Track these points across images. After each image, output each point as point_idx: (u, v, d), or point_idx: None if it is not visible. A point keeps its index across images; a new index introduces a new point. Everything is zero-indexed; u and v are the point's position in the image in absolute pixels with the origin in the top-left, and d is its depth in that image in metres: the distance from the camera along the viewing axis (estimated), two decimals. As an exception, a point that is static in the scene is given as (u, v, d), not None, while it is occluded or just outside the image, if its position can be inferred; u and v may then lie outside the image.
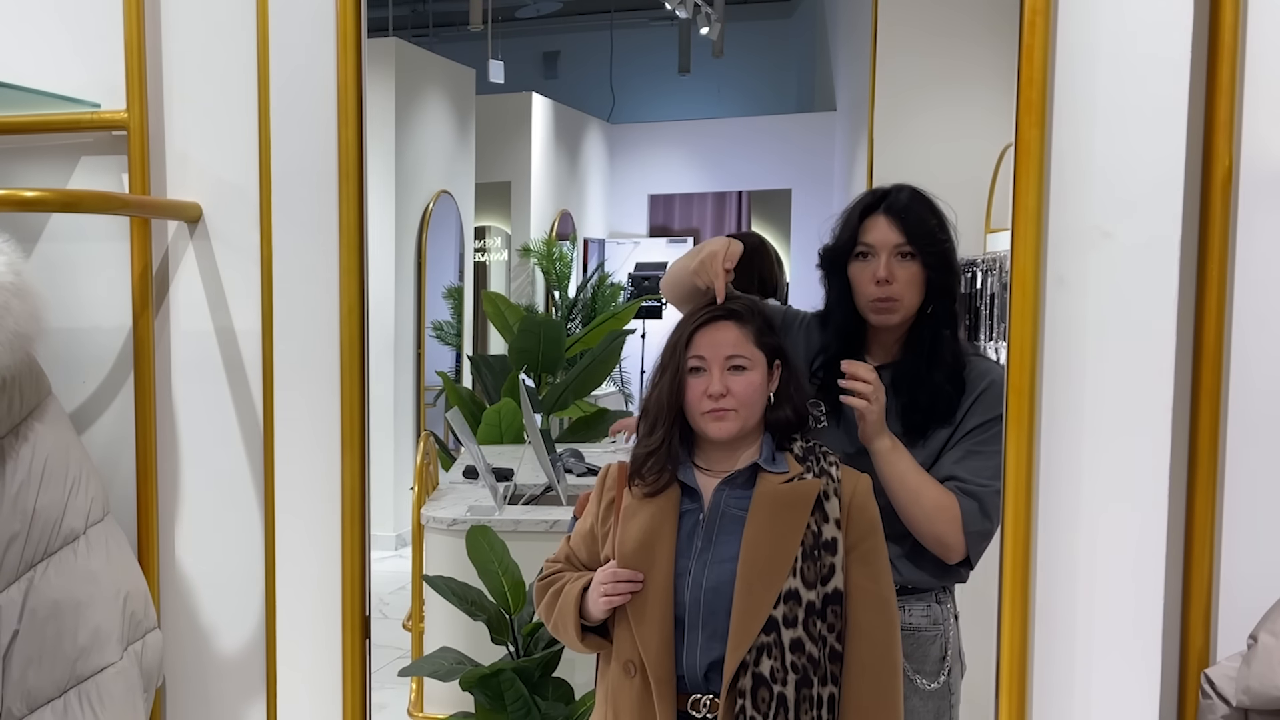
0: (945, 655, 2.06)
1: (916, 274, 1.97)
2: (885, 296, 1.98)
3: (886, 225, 1.98)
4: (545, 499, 3.71)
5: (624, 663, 1.78)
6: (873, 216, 2.00)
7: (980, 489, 1.93)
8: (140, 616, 1.91)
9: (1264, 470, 1.59)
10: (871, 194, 2.04)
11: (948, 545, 1.95)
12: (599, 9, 10.01)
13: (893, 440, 1.94)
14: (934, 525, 1.94)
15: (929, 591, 2.04)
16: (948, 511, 1.93)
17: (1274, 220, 1.57)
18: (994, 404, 1.96)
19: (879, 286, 1.97)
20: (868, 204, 2.02)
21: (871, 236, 1.99)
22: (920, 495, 1.93)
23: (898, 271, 1.97)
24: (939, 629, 2.05)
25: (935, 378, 1.98)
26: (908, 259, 1.97)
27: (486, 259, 8.60)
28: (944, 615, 2.07)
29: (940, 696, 2.06)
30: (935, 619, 2.05)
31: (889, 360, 2.04)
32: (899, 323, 2.01)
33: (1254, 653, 1.45)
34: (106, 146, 2.00)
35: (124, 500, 2.00)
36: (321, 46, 1.86)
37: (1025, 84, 1.57)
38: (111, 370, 2.03)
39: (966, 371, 2.00)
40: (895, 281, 1.97)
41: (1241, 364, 1.58)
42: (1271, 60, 1.56)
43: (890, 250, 1.97)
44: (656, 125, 10.03)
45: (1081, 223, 1.59)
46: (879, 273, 1.97)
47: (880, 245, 1.98)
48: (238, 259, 1.96)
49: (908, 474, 1.94)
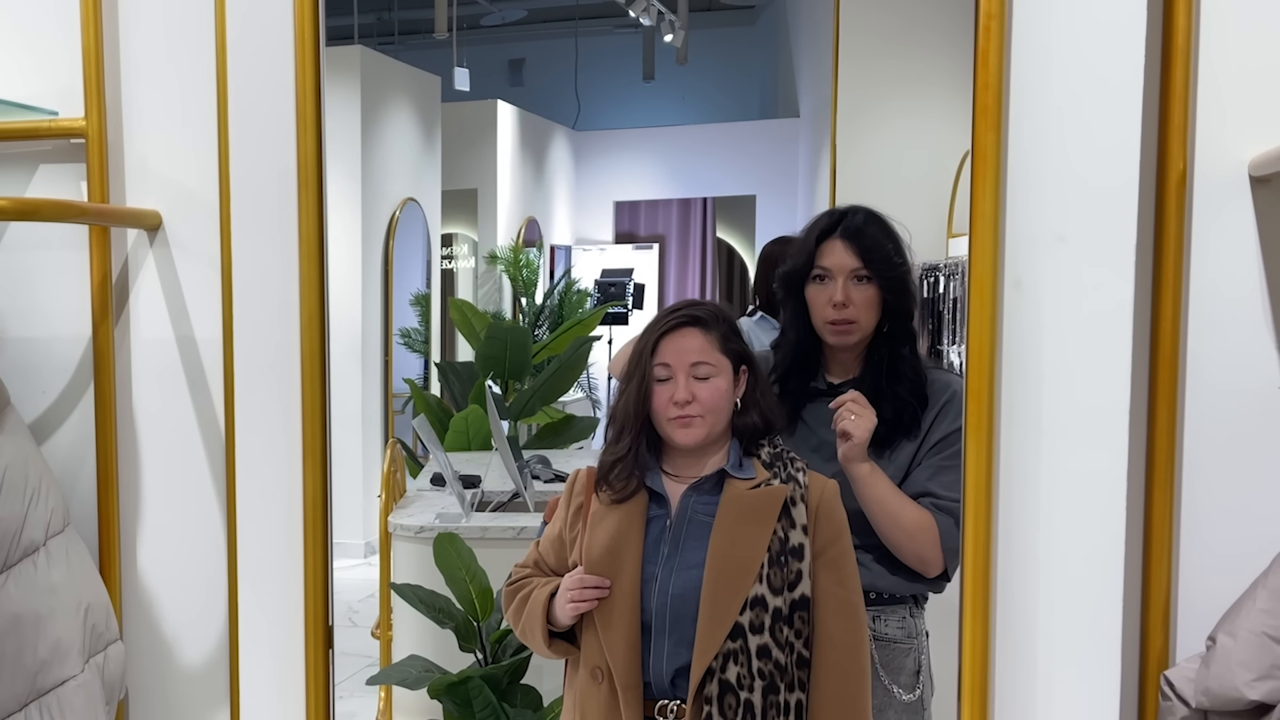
0: (920, 669, 2.08)
1: (873, 296, 2.01)
2: (843, 319, 2.01)
3: (843, 249, 2.01)
4: (513, 506, 3.70)
5: (591, 669, 1.78)
6: (829, 240, 2.03)
7: (954, 504, 1.94)
8: (102, 628, 1.90)
9: (1221, 472, 1.61)
10: (828, 216, 2.07)
11: (927, 562, 1.98)
12: (564, 17, 10.02)
13: (871, 465, 1.96)
14: (915, 545, 1.96)
15: (902, 604, 2.05)
16: (927, 532, 1.95)
17: (1228, 223, 1.59)
18: (958, 415, 1.97)
19: (836, 310, 2.00)
20: (824, 227, 2.05)
21: (828, 260, 2.02)
22: (900, 517, 1.96)
23: (854, 295, 2.00)
24: (913, 641, 2.07)
25: (897, 393, 2.01)
26: (864, 282, 2.00)
27: (454, 266, 8.58)
28: (917, 629, 2.09)
29: (915, 711, 2.07)
30: (910, 632, 2.06)
31: (849, 378, 2.07)
32: (856, 343, 2.03)
33: (1212, 654, 1.47)
34: (65, 154, 1.98)
35: (85, 511, 1.99)
36: (280, 54, 1.85)
37: (981, 89, 1.59)
38: (71, 380, 2.01)
39: (928, 385, 2.03)
40: (852, 305, 2.00)
41: (1197, 366, 1.60)
42: (1224, 65, 1.59)
43: (847, 274, 2.00)
44: (622, 132, 10.06)
45: (1038, 227, 1.60)
46: (836, 297, 2.00)
47: (837, 269, 2.01)
48: (198, 267, 1.95)
49: (887, 497, 1.96)
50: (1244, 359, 1.60)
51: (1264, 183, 1.58)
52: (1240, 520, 1.60)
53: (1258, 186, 1.58)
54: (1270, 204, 1.58)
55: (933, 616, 2.13)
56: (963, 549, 1.64)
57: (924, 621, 2.11)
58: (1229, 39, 1.58)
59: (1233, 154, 1.58)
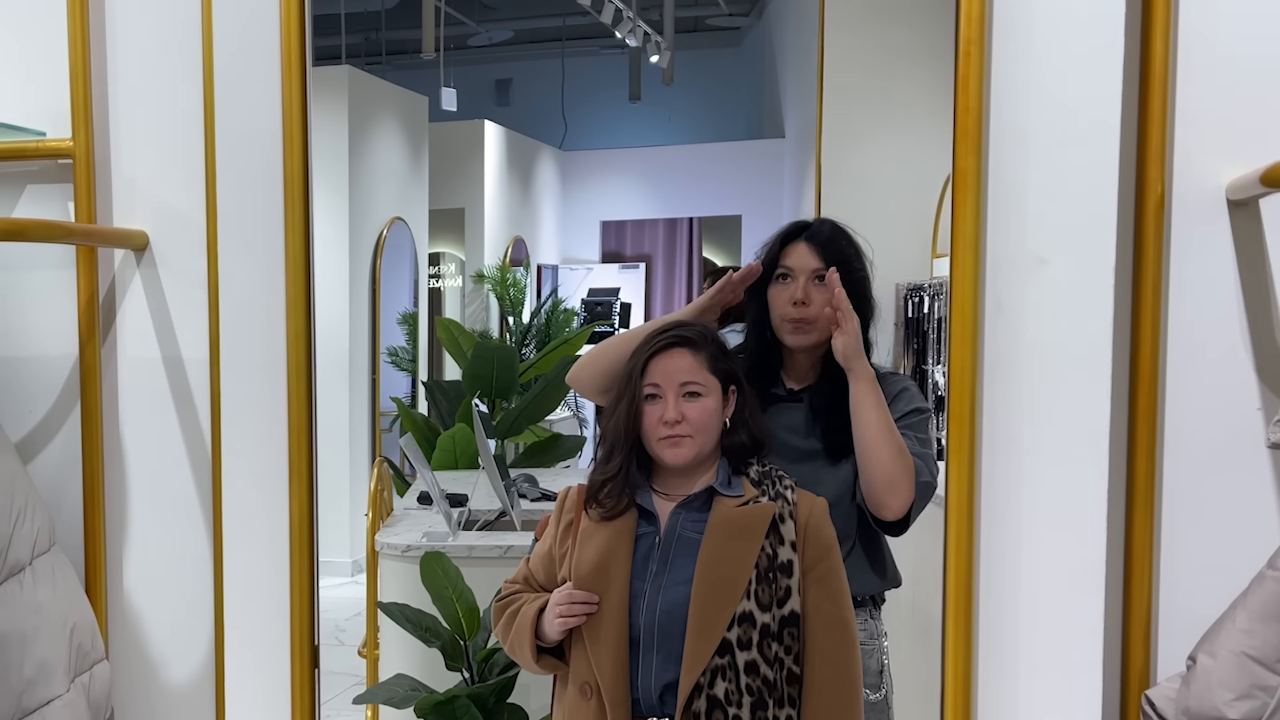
0: (882, 669, 2.10)
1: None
2: (801, 317, 2.04)
3: (806, 250, 2.06)
4: (499, 524, 3.70)
5: (580, 685, 1.79)
6: (794, 243, 2.08)
7: (917, 454, 1.96)
8: (87, 648, 1.89)
9: (1201, 492, 1.62)
10: (795, 224, 2.12)
11: (898, 490, 1.93)
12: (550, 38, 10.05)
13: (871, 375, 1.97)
14: (899, 464, 1.93)
15: (863, 607, 2.07)
16: (906, 456, 1.95)
17: (1206, 246, 1.61)
18: (910, 401, 2.04)
19: (796, 307, 2.04)
20: (790, 232, 2.10)
21: (791, 260, 2.06)
22: (893, 432, 1.95)
23: (814, 294, 2.03)
24: (875, 643, 2.09)
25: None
26: (824, 283, 2.02)
27: (441, 285, 8.58)
28: (878, 630, 2.11)
29: (881, 711, 2.09)
30: (872, 633, 2.09)
31: (805, 385, 2.10)
32: (813, 344, 2.06)
33: (1193, 674, 1.48)
34: (52, 175, 1.99)
35: (71, 530, 1.98)
36: (267, 76, 1.87)
37: (961, 113, 1.61)
38: (58, 399, 2.01)
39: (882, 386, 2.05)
40: (812, 303, 2.03)
41: (1177, 387, 1.62)
42: (1202, 90, 1.61)
43: (808, 274, 2.04)
44: (608, 152, 10.08)
45: (1018, 250, 1.62)
46: (796, 295, 2.04)
47: (799, 269, 2.05)
48: (185, 287, 1.96)
49: (882, 406, 1.96)
50: (1223, 380, 1.61)
51: (1241, 206, 1.60)
52: (1220, 541, 1.62)
53: (1235, 210, 1.60)
54: (1247, 227, 1.60)
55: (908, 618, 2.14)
56: (945, 567, 1.65)
57: (883, 623, 2.14)
58: (1206, 64, 1.60)
59: (1210, 178, 1.60)
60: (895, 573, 2.15)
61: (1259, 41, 1.59)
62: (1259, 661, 1.42)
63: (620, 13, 7.53)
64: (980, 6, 1.61)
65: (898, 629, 2.22)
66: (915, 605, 2.23)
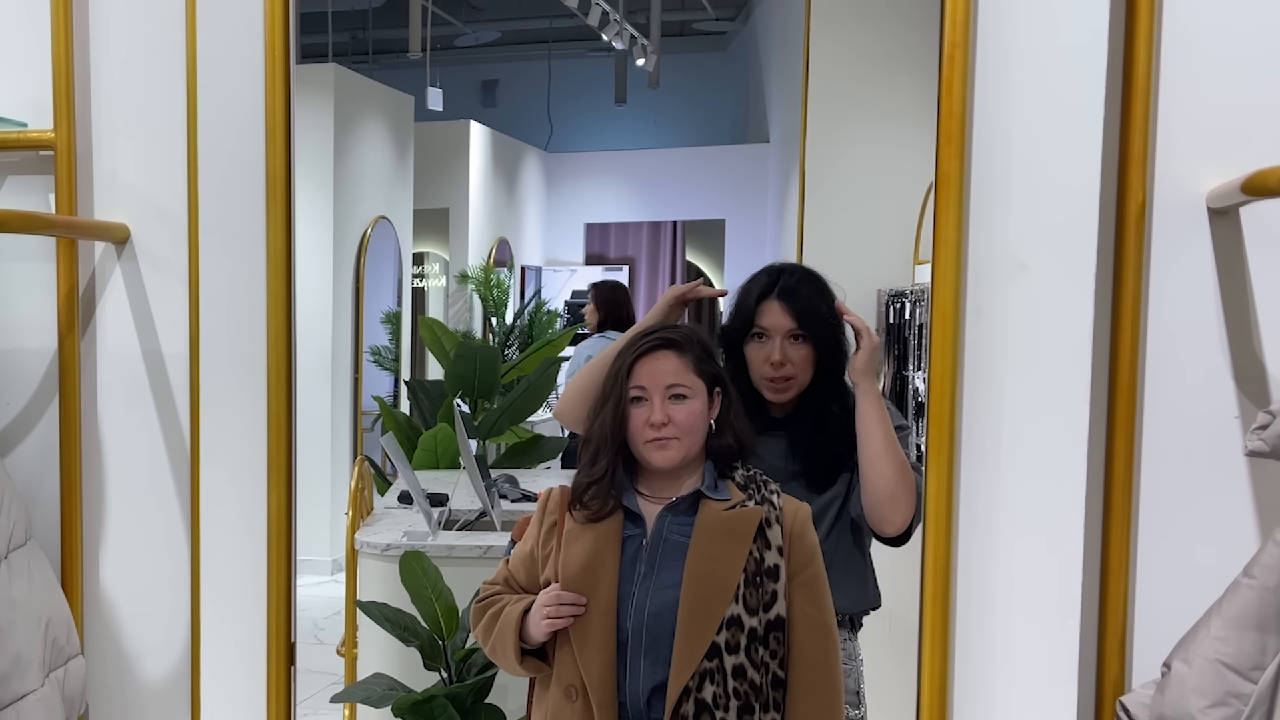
0: (859, 689, 2.12)
1: (808, 354, 2.09)
2: (780, 376, 2.08)
3: (780, 311, 2.09)
4: (479, 524, 3.69)
5: (565, 687, 1.78)
6: (767, 301, 2.11)
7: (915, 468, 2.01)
8: (63, 643, 1.88)
9: (1178, 499, 1.63)
10: (766, 275, 2.15)
11: (900, 505, 1.99)
12: (537, 39, 10.06)
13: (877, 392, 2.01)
14: (901, 479, 1.98)
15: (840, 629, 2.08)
16: (909, 472, 2.00)
17: (1187, 254, 1.61)
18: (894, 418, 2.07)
19: (774, 368, 2.08)
20: (764, 287, 2.12)
21: (766, 320, 2.10)
22: (896, 447, 2.00)
23: (791, 353, 2.09)
24: (852, 664, 2.13)
25: (828, 439, 2.09)
26: (800, 340, 2.09)
27: (425, 285, 8.57)
28: (855, 652, 2.15)
29: None
30: (850, 654, 2.12)
31: (784, 415, 2.14)
32: (792, 399, 2.11)
33: (1167, 680, 1.49)
34: (34, 166, 1.98)
35: (47, 524, 1.98)
36: (250, 70, 1.86)
37: (945, 117, 1.61)
38: (36, 392, 2.00)
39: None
40: (789, 363, 2.08)
41: (1155, 395, 1.62)
42: (1184, 98, 1.61)
43: (784, 334, 2.09)
44: (593, 155, 10.10)
45: (1000, 255, 1.63)
46: (774, 356, 2.08)
47: (774, 330, 2.09)
48: (166, 281, 1.95)
49: (887, 422, 2.01)
50: (1202, 387, 1.62)
51: (1222, 214, 1.60)
52: (1196, 548, 1.62)
53: (1216, 218, 1.60)
54: (1228, 235, 1.60)
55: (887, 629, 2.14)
56: (922, 573, 1.66)
57: (860, 646, 2.18)
58: (1189, 72, 1.61)
59: (1191, 186, 1.60)
60: (875, 594, 2.16)
61: (1241, 50, 1.60)
62: (1233, 669, 1.42)
63: (607, 15, 7.54)
64: (965, 10, 1.61)
65: (877, 640, 2.23)
66: (894, 616, 2.24)
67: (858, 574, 2.12)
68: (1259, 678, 1.40)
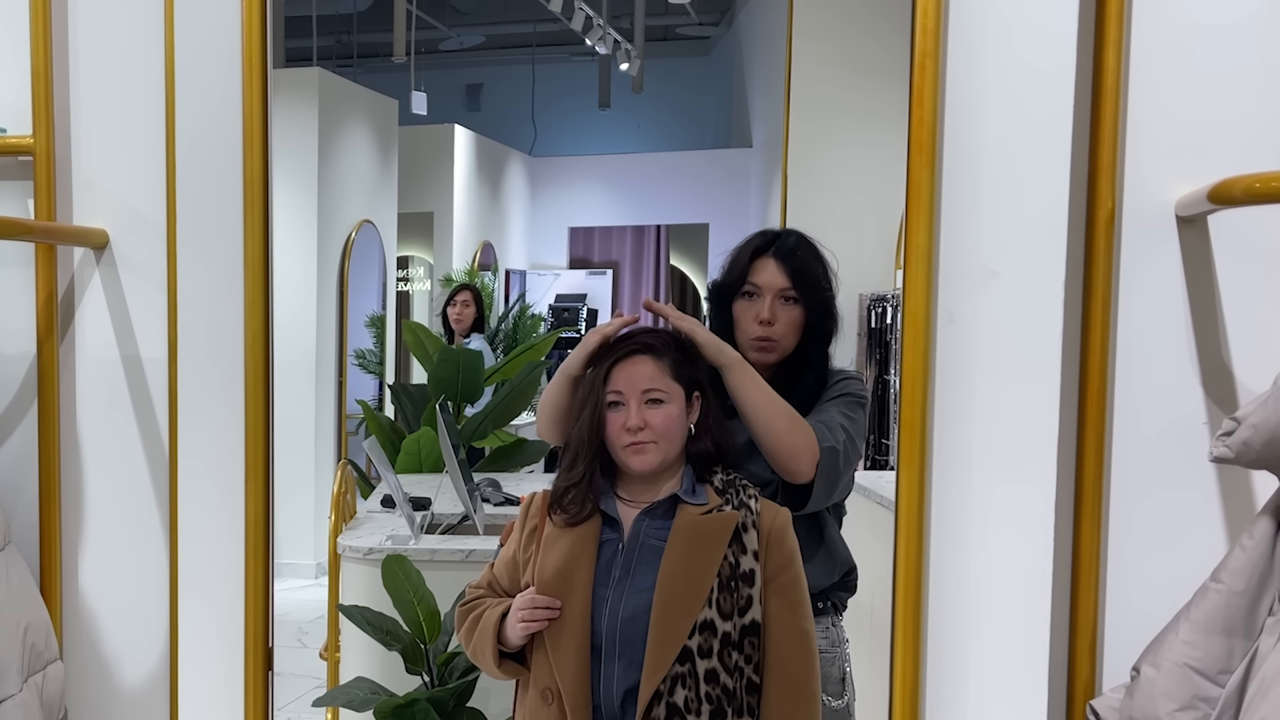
0: (844, 676, 2.11)
1: (797, 317, 2.06)
2: (766, 336, 2.05)
3: (775, 268, 2.06)
4: (462, 528, 3.69)
5: (541, 690, 1.79)
6: (762, 258, 2.08)
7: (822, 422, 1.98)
8: (41, 648, 1.89)
9: (1147, 503, 1.64)
10: (762, 236, 2.11)
11: (800, 453, 1.94)
12: (521, 44, 10.07)
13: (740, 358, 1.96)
14: (794, 430, 1.93)
15: (825, 614, 2.08)
16: (800, 422, 1.95)
17: (1155, 261, 1.63)
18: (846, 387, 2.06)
19: (761, 326, 2.05)
20: (758, 245, 2.09)
21: (759, 277, 2.07)
22: (778, 402, 1.94)
23: (780, 314, 2.05)
24: (837, 650, 2.10)
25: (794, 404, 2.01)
26: (791, 303, 2.05)
27: (409, 288, 8.57)
28: (840, 638, 2.13)
29: (843, 717, 2.10)
30: (833, 640, 2.10)
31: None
32: (774, 363, 2.07)
33: (1137, 684, 1.50)
34: (12, 171, 1.98)
35: (26, 529, 1.98)
36: (228, 76, 1.87)
37: (916, 125, 1.63)
38: (15, 397, 2.00)
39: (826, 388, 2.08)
40: (777, 323, 2.05)
41: (1125, 400, 1.64)
42: (1152, 108, 1.63)
43: (775, 293, 2.05)
44: (577, 159, 10.11)
45: (971, 262, 1.64)
46: (762, 314, 2.04)
47: (766, 287, 2.06)
48: (144, 286, 1.95)
49: (760, 382, 1.95)
50: (1170, 393, 1.64)
51: (1190, 222, 1.62)
52: (1165, 552, 1.64)
53: (1184, 226, 1.62)
54: (1196, 243, 1.62)
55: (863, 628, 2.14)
56: (895, 576, 1.67)
57: (844, 630, 2.15)
58: (1157, 82, 1.63)
59: (1160, 194, 1.62)
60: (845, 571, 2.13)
61: (1210, 60, 1.62)
62: (1201, 673, 1.44)
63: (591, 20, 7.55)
64: (935, 19, 1.63)
65: (856, 638, 2.24)
66: (874, 614, 2.25)
67: (816, 542, 2.09)
68: (1226, 681, 1.42)
